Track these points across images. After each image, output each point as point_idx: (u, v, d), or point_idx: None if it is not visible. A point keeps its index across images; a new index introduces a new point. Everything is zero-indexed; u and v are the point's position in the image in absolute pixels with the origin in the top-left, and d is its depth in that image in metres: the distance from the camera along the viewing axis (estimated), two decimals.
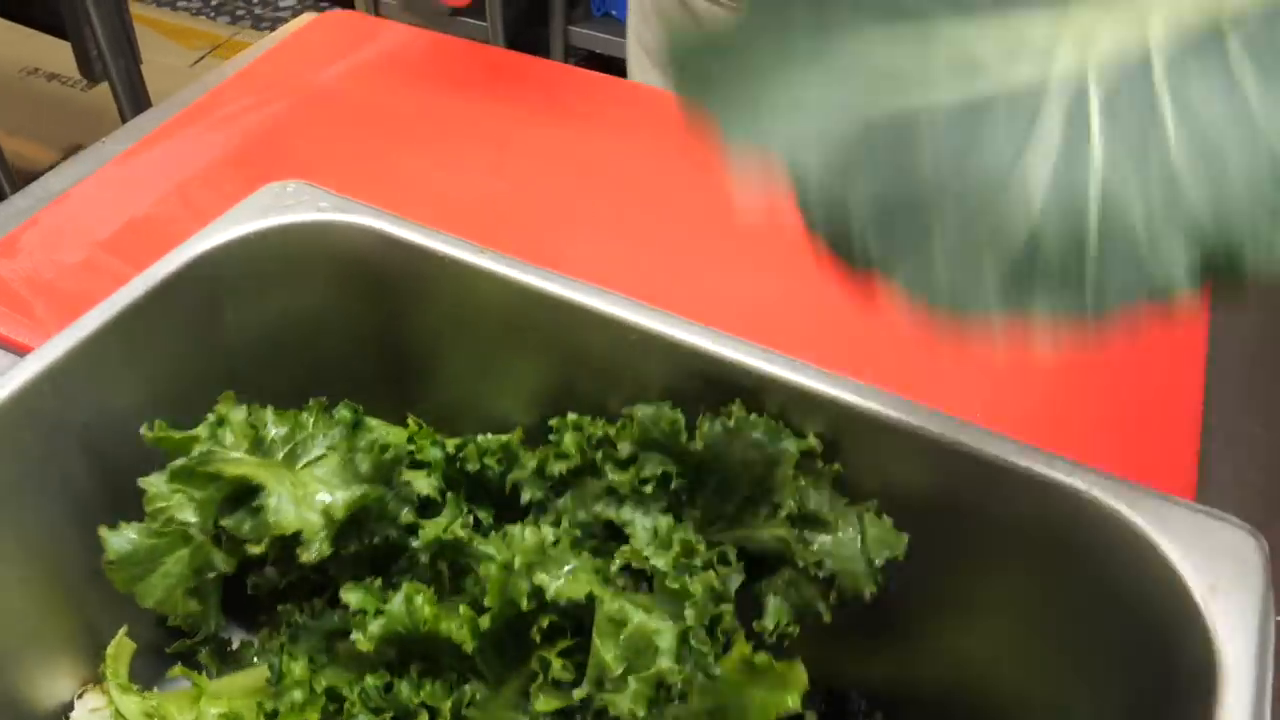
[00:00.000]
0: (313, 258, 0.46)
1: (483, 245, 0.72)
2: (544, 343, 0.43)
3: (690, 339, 0.39)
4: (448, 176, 0.79)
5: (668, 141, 0.83)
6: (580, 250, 0.72)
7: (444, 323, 0.47)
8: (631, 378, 0.42)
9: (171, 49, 2.97)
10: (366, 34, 0.95)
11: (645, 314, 0.40)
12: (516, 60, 0.92)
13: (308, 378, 0.48)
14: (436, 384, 0.49)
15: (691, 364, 0.39)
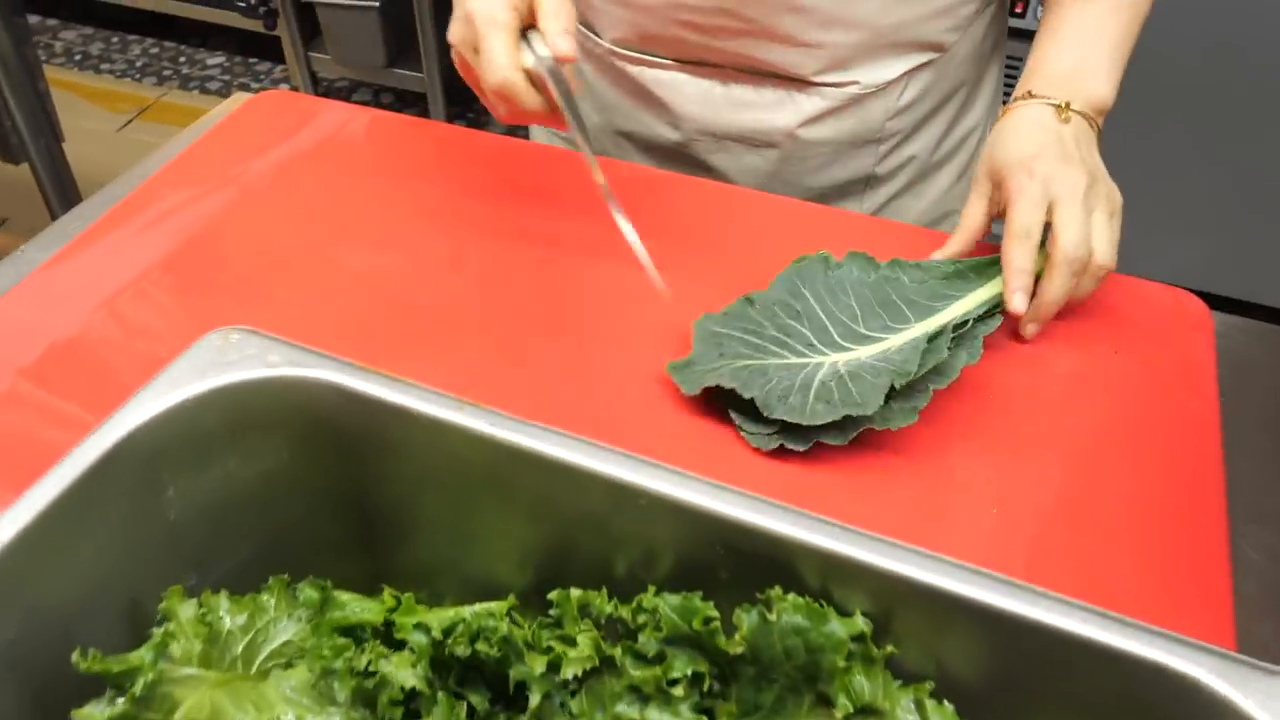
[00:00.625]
0: (264, 419, 0.40)
1: (446, 354, 0.66)
2: (535, 505, 0.38)
3: (710, 505, 0.34)
4: (401, 271, 0.73)
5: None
6: (554, 348, 0.67)
7: (417, 483, 0.41)
8: (642, 542, 0.36)
9: (95, 114, 2.86)
10: (303, 115, 0.88)
11: (653, 474, 0.35)
12: (461, 136, 0.87)
13: (267, 548, 0.42)
14: (412, 545, 0.44)
15: (712, 531, 0.34)
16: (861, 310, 0.65)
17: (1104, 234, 0.67)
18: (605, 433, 0.60)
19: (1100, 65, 0.73)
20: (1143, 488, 0.60)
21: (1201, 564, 0.56)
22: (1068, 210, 0.66)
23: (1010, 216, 0.67)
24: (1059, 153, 0.68)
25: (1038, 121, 0.70)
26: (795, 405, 0.58)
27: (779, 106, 0.83)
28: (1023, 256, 0.66)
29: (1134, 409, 0.65)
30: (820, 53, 0.79)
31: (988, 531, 0.57)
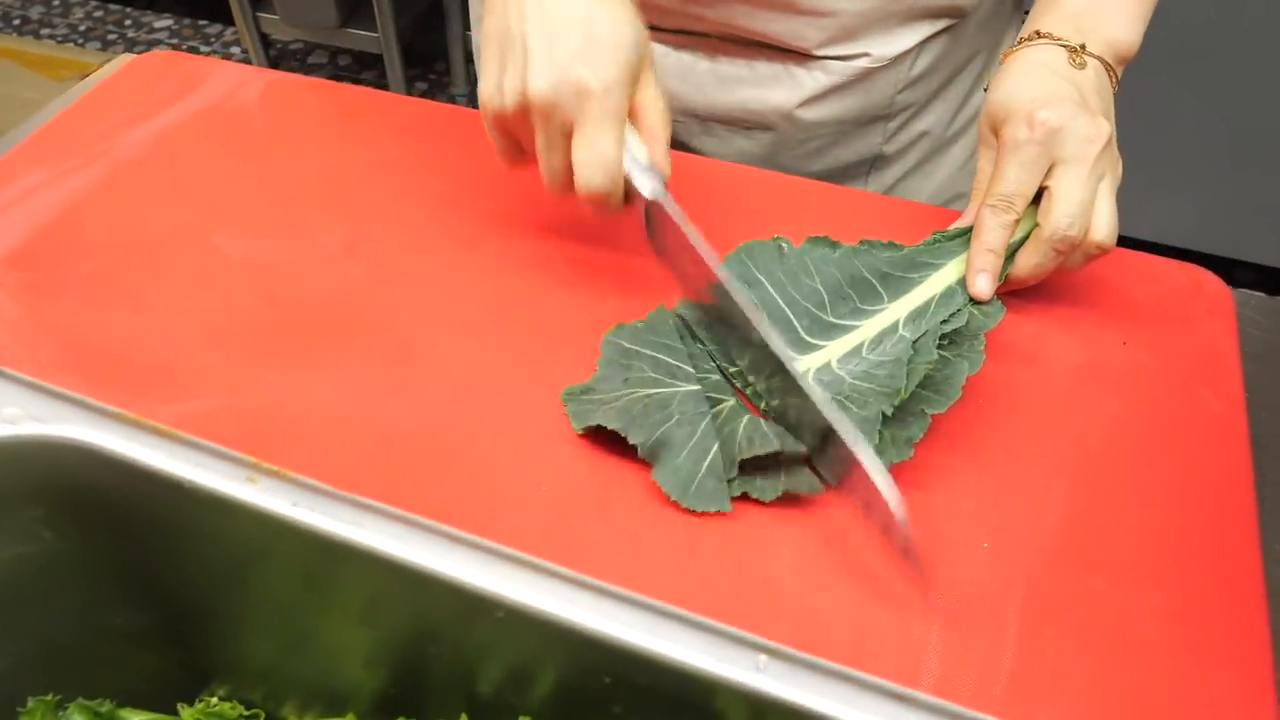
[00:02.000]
0: (5, 490, 0.30)
1: (332, 360, 0.53)
2: (366, 608, 0.28)
3: (588, 623, 0.24)
4: (288, 261, 0.62)
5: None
6: (459, 355, 0.56)
7: (217, 569, 0.31)
8: (507, 661, 0.26)
9: (36, 83, 2.71)
10: (189, 79, 0.77)
11: (514, 577, 0.25)
12: (372, 101, 0.75)
13: (33, 654, 0.32)
14: (237, 639, 0.34)
15: (595, 657, 0.24)
16: (829, 293, 0.55)
17: (1107, 207, 0.55)
18: (507, 464, 0.50)
19: (1125, 3, 0.61)
20: (1161, 511, 0.50)
21: (1233, 600, 0.47)
22: (1073, 175, 0.54)
23: (995, 176, 0.56)
24: (1072, 100, 0.55)
25: (1047, 64, 0.58)
26: (693, 455, 0.47)
27: (775, 83, 0.71)
28: (995, 231, 0.55)
29: (1148, 413, 0.55)
30: (827, 21, 0.67)
31: (978, 570, 0.47)
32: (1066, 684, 0.43)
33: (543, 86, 0.51)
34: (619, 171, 0.53)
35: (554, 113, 0.52)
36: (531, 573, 0.26)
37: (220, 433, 0.52)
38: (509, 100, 0.53)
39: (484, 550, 0.27)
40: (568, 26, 0.51)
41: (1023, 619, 0.45)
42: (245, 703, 0.35)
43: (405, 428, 0.52)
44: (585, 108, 0.51)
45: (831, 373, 0.51)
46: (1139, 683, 0.43)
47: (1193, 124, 1.85)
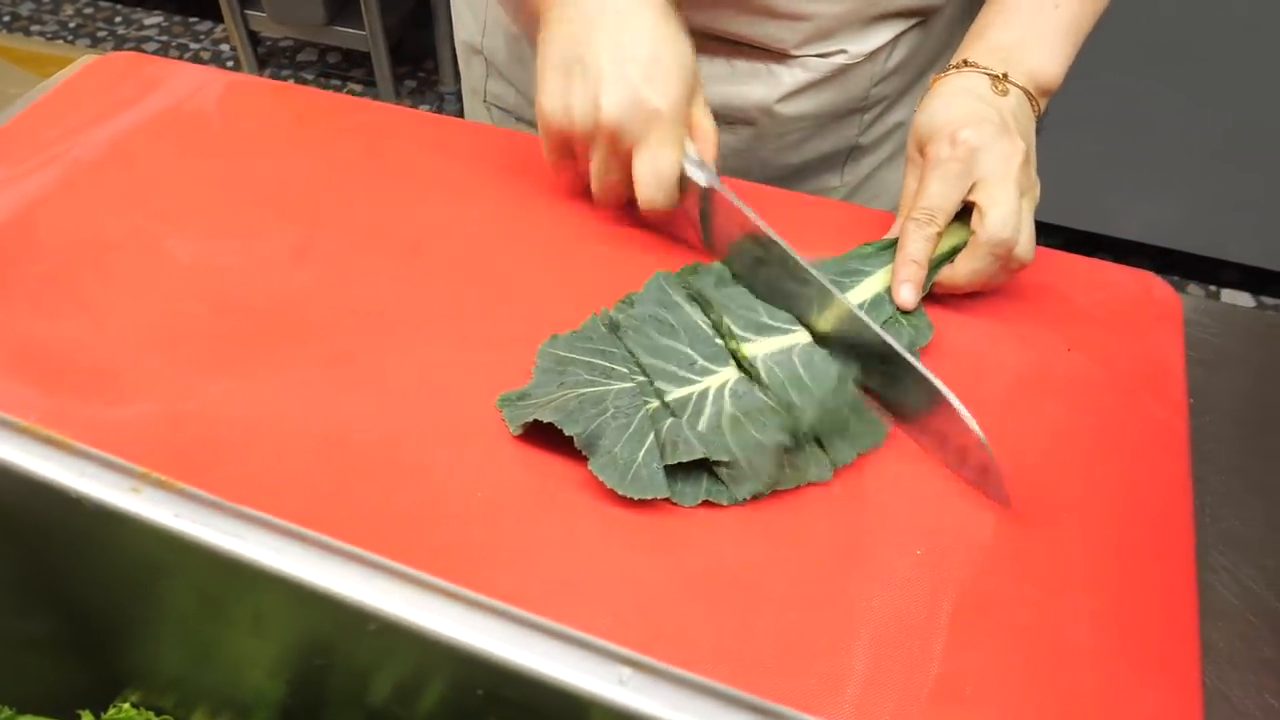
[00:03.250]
0: None
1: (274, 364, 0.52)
2: (252, 619, 0.28)
3: (457, 636, 0.24)
4: (238, 265, 0.62)
5: (515, 198, 0.67)
6: (401, 361, 0.56)
7: (111, 578, 0.31)
8: (391, 675, 0.26)
9: (24, 79, 2.71)
10: (149, 81, 0.77)
11: (388, 589, 0.25)
12: (332, 104, 0.75)
13: None
14: (145, 647, 0.34)
15: (469, 671, 0.24)
16: (765, 306, 0.55)
17: (1027, 225, 0.57)
18: (444, 471, 0.50)
19: (1049, 39, 0.62)
20: (1096, 519, 0.50)
21: (1165, 609, 0.47)
22: (998, 188, 0.56)
23: (920, 191, 0.58)
24: (992, 123, 0.58)
25: (971, 90, 0.60)
26: (629, 445, 0.48)
27: (754, 80, 0.72)
28: (918, 243, 0.57)
29: (1089, 420, 0.55)
30: (804, 25, 0.69)
31: (909, 577, 0.47)
32: (992, 692, 0.43)
33: (614, 109, 0.56)
34: (676, 188, 0.58)
35: (622, 135, 0.57)
36: (402, 584, 0.26)
37: (160, 438, 0.52)
38: (579, 119, 0.58)
39: (360, 562, 0.27)
40: (636, 51, 0.56)
41: (951, 627, 0.45)
42: (156, 709, 0.35)
43: (344, 434, 0.52)
44: (652, 129, 0.56)
45: (747, 384, 0.51)
46: (1067, 690, 0.44)
47: (1178, 125, 1.85)
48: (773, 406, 0.50)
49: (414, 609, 0.25)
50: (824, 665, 0.44)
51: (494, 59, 0.82)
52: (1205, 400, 0.58)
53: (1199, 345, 0.62)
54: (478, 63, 0.84)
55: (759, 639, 0.44)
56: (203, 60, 2.71)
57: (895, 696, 0.43)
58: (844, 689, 0.43)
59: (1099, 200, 2.01)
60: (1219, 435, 0.57)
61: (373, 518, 0.48)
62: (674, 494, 0.48)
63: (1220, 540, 0.52)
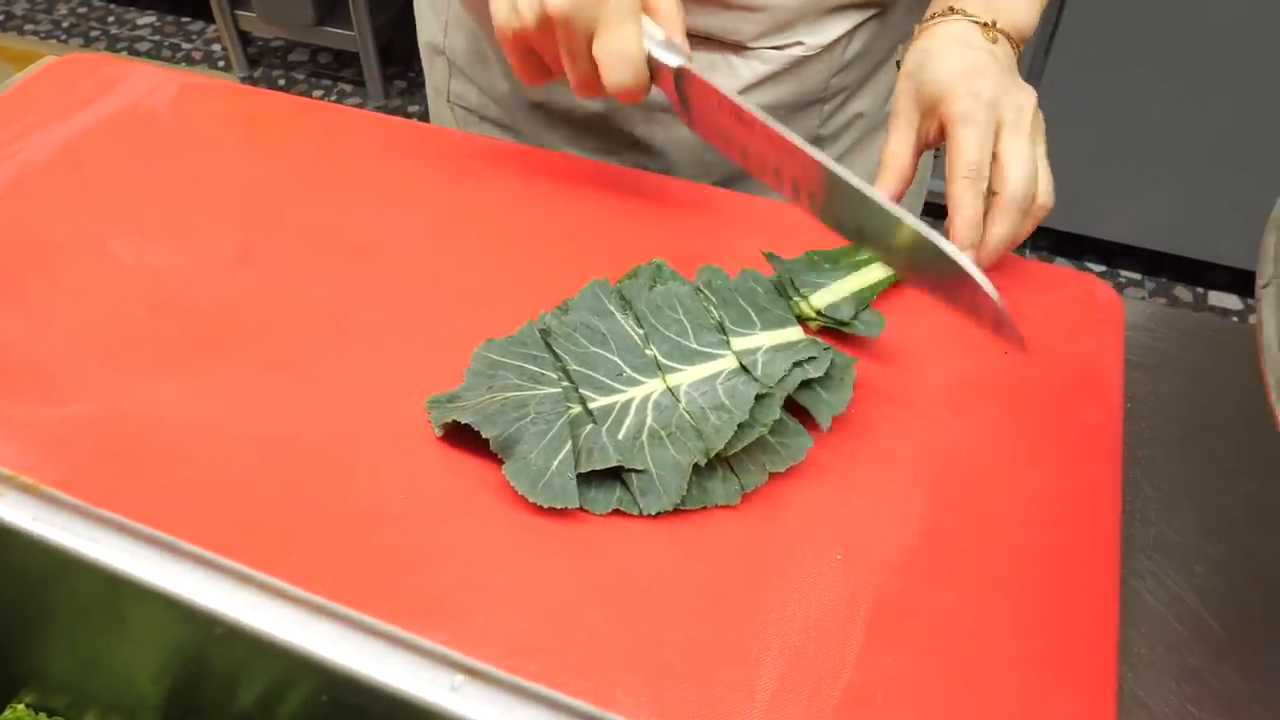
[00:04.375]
0: None
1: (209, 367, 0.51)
2: (120, 624, 0.28)
3: (295, 641, 0.24)
4: (179, 268, 0.62)
5: (477, 205, 0.67)
6: (338, 365, 0.56)
7: (6, 586, 0.31)
8: (249, 680, 0.26)
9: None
10: (104, 82, 0.77)
11: (235, 594, 0.25)
12: (285, 105, 0.75)
13: None
14: (36, 648, 0.34)
15: (313, 678, 0.24)
16: (692, 325, 0.55)
17: (1045, 170, 0.58)
18: (369, 475, 0.50)
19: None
20: (1022, 524, 0.50)
21: (1085, 616, 0.47)
22: (1016, 140, 0.57)
23: (956, 149, 0.57)
24: (1000, 70, 0.58)
25: (966, 39, 0.60)
26: (545, 451, 0.48)
27: (712, 72, 0.73)
28: (974, 204, 0.57)
29: (1021, 424, 0.55)
30: (761, 16, 0.69)
31: (827, 582, 0.47)
32: (903, 698, 0.43)
33: (559, 1, 0.54)
34: (643, 64, 0.57)
35: (574, 22, 0.55)
36: (243, 587, 0.26)
37: (95, 439, 0.52)
38: (528, 18, 0.56)
39: (206, 565, 0.27)
40: None
41: (866, 632, 0.45)
42: (49, 711, 0.35)
43: (277, 437, 0.52)
44: (602, 11, 0.54)
45: (671, 397, 0.51)
46: (980, 696, 0.43)
47: (1167, 127, 1.85)
48: (693, 425, 0.50)
49: (253, 612, 0.25)
50: (735, 672, 0.43)
51: (455, 58, 0.82)
52: (1144, 404, 0.58)
53: (1141, 349, 0.61)
54: (440, 62, 0.84)
55: (670, 646, 0.44)
56: (194, 60, 2.72)
57: (805, 703, 0.43)
58: (754, 696, 0.43)
59: (1087, 202, 2.00)
60: (1155, 440, 0.56)
61: (296, 520, 0.48)
62: (586, 500, 0.48)
63: (1150, 546, 0.52)
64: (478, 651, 0.42)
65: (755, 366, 0.52)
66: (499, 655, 0.43)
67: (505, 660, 0.42)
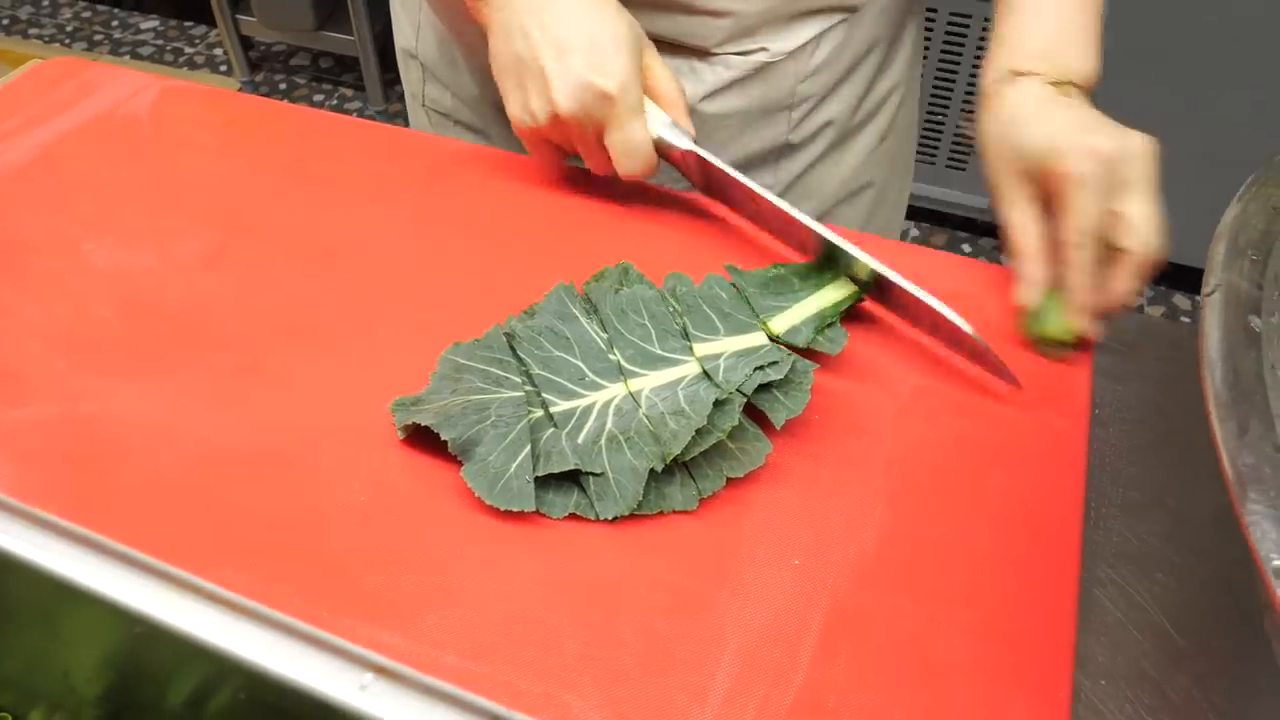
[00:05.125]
0: None
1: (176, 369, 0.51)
2: (49, 621, 0.28)
3: (208, 638, 0.24)
4: (150, 270, 0.62)
5: (451, 213, 0.67)
6: (304, 367, 0.57)
7: None
8: (179, 679, 0.27)
9: None
10: (85, 86, 0.78)
11: (158, 592, 0.25)
12: (261, 107, 0.76)
13: None
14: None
15: (232, 676, 0.24)
16: (657, 330, 0.55)
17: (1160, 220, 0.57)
18: (332, 476, 0.50)
19: (1081, 35, 0.62)
20: (982, 531, 0.50)
21: (1041, 623, 0.47)
22: (1143, 195, 0.56)
23: (1076, 212, 0.56)
24: (1105, 122, 0.57)
25: (1045, 98, 0.59)
26: (504, 454, 0.48)
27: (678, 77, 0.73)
28: (1087, 271, 0.56)
29: (986, 431, 0.55)
30: (724, 22, 0.69)
31: (784, 587, 0.47)
32: (855, 703, 0.43)
33: (568, 103, 0.59)
34: (652, 153, 0.61)
35: (584, 122, 0.60)
36: (162, 585, 0.26)
37: (57, 439, 0.52)
38: (542, 119, 0.60)
39: (134, 566, 0.27)
40: (573, 41, 0.58)
41: (821, 638, 0.45)
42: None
43: (243, 439, 0.52)
44: (610, 110, 0.59)
45: (633, 402, 0.51)
46: (931, 702, 0.43)
47: (1166, 136, 1.84)
48: (651, 430, 0.50)
49: (169, 610, 0.25)
50: (687, 675, 0.43)
51: (427, 61, 0.82)
52: (1111, 412, 0.58)
53: (1111, 357, 0.61)
54: (414, 67, 0.85)
55: (624, 648, 0.44)
56: (196, 65, 2.73)
57: (756, 707, 0.43)
58: (707, 699, 0.43)
59: None
60: (1121, 448, 0.56)
61: (253, 522, 0.48)
62: (543, 504, 0.48)
63: (1112, 554, 0.52)
64: (432, 653, 0.42)
65: (717, 372, 0.52)
66: (453, 658, 0.43)
67: (458, 662, 0.43)
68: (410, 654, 0.42)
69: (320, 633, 0.26)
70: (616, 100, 0.58)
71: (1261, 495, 0.30)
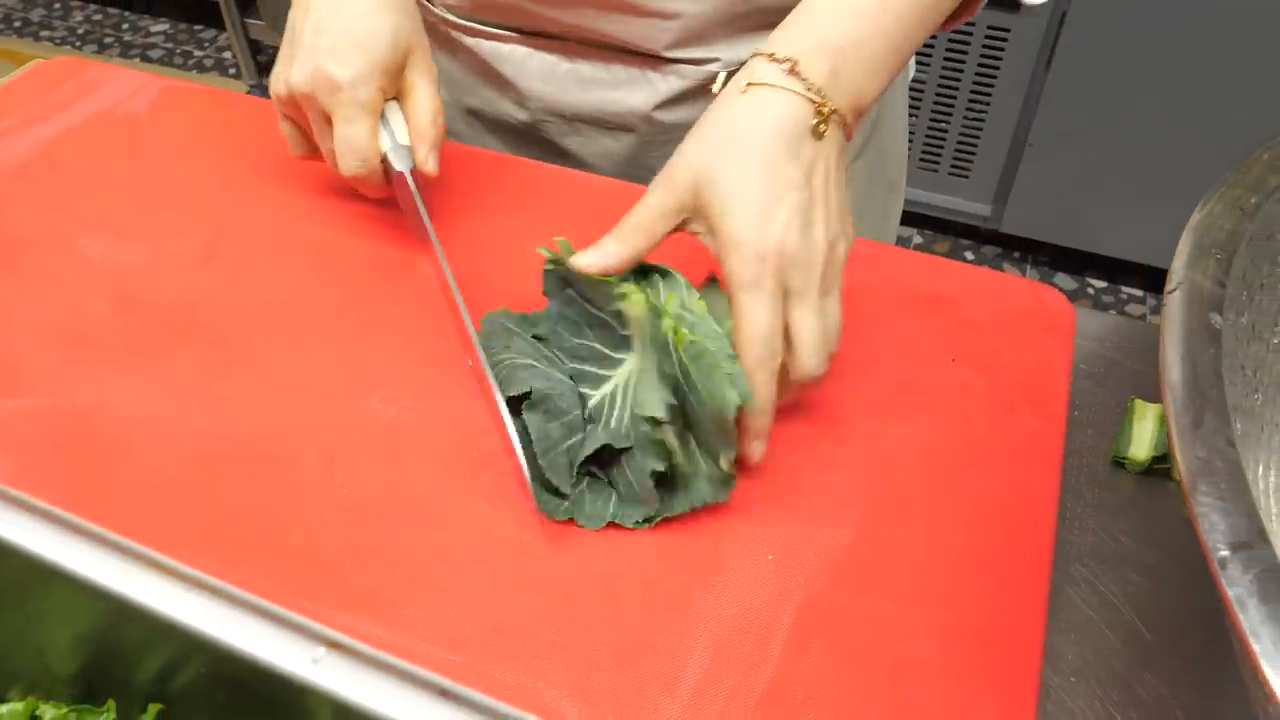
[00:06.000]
0: None
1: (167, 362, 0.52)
2: (19, 599, 0.29)
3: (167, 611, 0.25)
4: (146, 265, 0.63)
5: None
6: (290, 360, 0.57)
7: None
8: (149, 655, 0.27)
9: None
10: (86, 85, 0.79)
11: (113, 563, 0.26)
12: (256, 107, 0.77)
13: None
14: None
15: (192, 648, 0.25)
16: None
17: (837, 323, 0.51)
18: (317, 469, 0.51)
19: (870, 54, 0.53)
20: (957, 530, 0.50)
21: (1011, 622, 0.47)
22: (808, 309, 0.49)
23: (738, 316, 0.48)
24: (804, 213, 0.48)
25: (785, 139, 0.49)
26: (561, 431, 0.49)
27: (631, 86, 0.73)
28: (767, 389, 0.49)
29: (963, 431, 0.55)
30: (671, 24, 0.68)
31: (758, 583, 0.48)
32: (823, 696, 0.44)
33: (300, 80, 0.59)
34: (372, 156, 0.60)
35: (313, 103, 0.59)
36: (133, 564, 0.27)
37: (49, 430, 0.53)
38: (283, 91, 0.60)
39: (102, 543, 0.28)
40: (331, 26, 0.58)
41: (792, 631, 0.46)
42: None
43: (230, 432, 0.53)
44: (336, 100, 0.58)
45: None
46: (900, 698, 0.44)
47: (1168, 142, 1.84)
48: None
49: (139, 589, 0.26)
50: (659, 665, 0.44)
51: None
52: (1090, 413, 0.58)
53: (1092, 358, 0.62)
54: None
55: (596, 637, 0.45)
56: (205, 67, 2.75)
57: (726, 697, 0.43)
58: (677, 689, 0.43)
59: (1087, 218, 2.00)
60: (1100, 448, 0.57)
61: (238, 513, 0.49)
62: (578, 508, 0.49)
63: (1086, 553, 0.52)
64: (410, 643, 0.43)
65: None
66: (431, 647, 0.43)
67: (436, 652, 0.43)
68: (390, 643, 0.43)
69: (275, 608, 0.26)
70: (344, 92, 0.58)
71: (1211, 488, 0.31)
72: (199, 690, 0.28)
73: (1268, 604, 0.28)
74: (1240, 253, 0.40)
